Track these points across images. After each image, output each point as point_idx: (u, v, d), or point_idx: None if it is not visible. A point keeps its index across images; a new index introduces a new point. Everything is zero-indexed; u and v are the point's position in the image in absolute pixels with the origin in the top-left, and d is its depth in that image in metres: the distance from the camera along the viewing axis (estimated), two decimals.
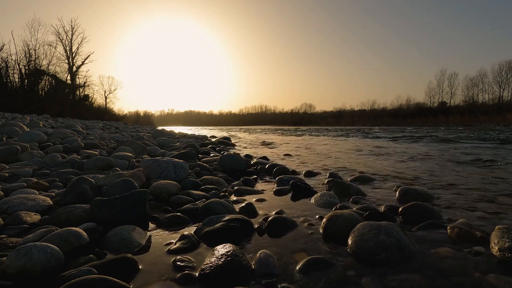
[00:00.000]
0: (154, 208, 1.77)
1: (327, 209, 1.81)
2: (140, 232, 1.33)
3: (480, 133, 12.46)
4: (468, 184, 2.56)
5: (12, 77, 20.39)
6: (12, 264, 0.94)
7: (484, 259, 1.12)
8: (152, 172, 2.47)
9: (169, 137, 7.11)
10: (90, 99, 31.42)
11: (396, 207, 1.75)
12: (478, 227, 1.46)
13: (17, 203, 1.60)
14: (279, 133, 17.36)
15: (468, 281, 0.97)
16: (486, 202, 1.96)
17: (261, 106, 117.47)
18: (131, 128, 14.25)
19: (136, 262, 1.06)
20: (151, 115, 74.54)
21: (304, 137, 12.22)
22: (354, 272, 1.03)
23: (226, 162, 3.27)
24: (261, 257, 1.11)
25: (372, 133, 15.88)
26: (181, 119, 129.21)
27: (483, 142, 8.13)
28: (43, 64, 23.72)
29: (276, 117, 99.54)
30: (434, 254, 1.17)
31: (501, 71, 45.80)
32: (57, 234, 1.15)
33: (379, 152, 5.62)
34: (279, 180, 2.61)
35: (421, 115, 45.60)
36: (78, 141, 4.52)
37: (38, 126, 6.95)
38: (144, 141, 5.37)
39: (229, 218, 1.43)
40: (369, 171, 3.30)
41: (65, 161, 3.00)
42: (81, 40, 31.80)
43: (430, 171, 3.30)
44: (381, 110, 65.59)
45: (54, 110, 17.96)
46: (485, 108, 42.77)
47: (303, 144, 8.32)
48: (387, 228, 1.23)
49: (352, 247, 1.20)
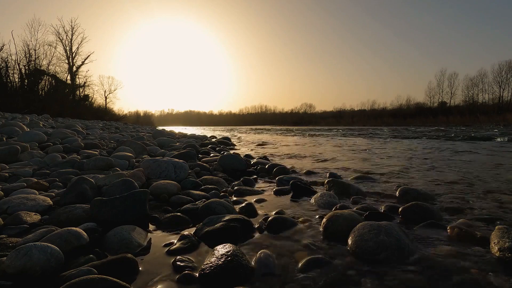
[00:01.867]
0: (154, 208, 1.77)
1: (327, 209, 1.81)
2: (140, 232, 1.33)
3: (481, 133, 12.47)
4: (468, 184, 2.56)
5: (12, 77, 20.40)
6: (12, 264, 0.94)
7: (484, 259, 1.12)
8: (152, 172, 2.47)
9: (169, 137, 7.11)
10: (90, 99, 31.42)
11: (396, 207, 1.75)
12: (478, 227, 1.46)
13: (17, 203, 1.60)
14: (279, 133, 17.36)
15: (468, 281, 0.97)
16: (486, 202, 1.96)
17: (261, 106, 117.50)
18: (131, 128, 14.25)
19: (136, 262, 1.06)
20: (151, 115, 74.52)
21: (304, 137, 12.22)
22: (354, 272, 1.03)
23: (226, 162, 3.27)
24: (261, 257, 1.11)
25: (372, 133, 15.89)
26: (181, 119, 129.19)
27: (483, 142, 8.13)
28: (43, 64, 23.73)
29: (276, 117, 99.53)
30: (434, 254, 1.17)
31: (501, 71, 45.79)
32: (57, 234, 1.15)
33: (379, 152, 5.62)
34: (279, 180, 2.61)
35: (421, 115, 45.59)
36: (78, 141, 4.53)
37: (38, 126, 6.95)
38: (144, 141, 5.37)
39: (229, 218, 1.43)
40: (369, 171, 3.30)
41: (65, 161, 3.00)
42: (81, 40, 31.80)
43: (430, 171, 3.30)
44: (381, 110, 65.58)
45: (54, 110, 17.96)
46: (485, 108, 42.74)
47: (303, 144, 8.33)
48: (387, 228, 1.23)
49: (352, 247, 1.20)
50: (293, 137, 12.31)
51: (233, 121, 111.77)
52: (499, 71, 45.93)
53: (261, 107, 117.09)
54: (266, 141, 9.48)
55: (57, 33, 30.20)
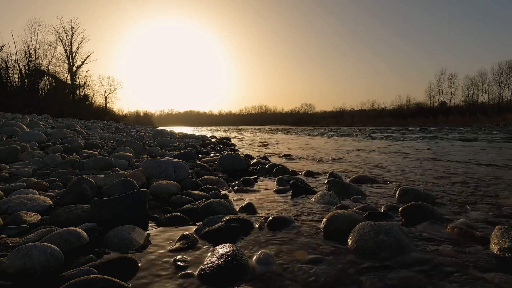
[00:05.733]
0: (154, 208, 1.77)
1: (327, 209, 1.81)
2: (140, 232, 1.33)
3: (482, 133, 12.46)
4: (468, 184, 2.56)
5: (12, 77, 20.36)
6: (12, 264, 0.94)
7: (484, 259, 1.12)
8: (152, 172, 2.47)
9: (169, 137, 7.11)
10: (90, 99, 31.38)
11: (396, 207, 1.75)
12: (478, 227, 1.46)
13: (17, 203, 1.60)
14: (279, 133, 17.36)
15: (468, 281, 0.97)
16: (486, 202, 1.96)
17: (261, 106, 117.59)
18: (131, 128, 14.23)
19: (136, 262, 1.06)
20: (151, 115, 74.53)
21: (304, 137, 12.22)
22: (354, 272, 1.03)
23: (226, 162, 3.27)
24: (261, 257, 1.11)
25: (373, 133, 15.88)
26: (181, 119, 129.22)
27: (484, 142, 8.13)
28: (43, 64, 23.69)
29: (276, 117, 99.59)
30: (434, 254, 1.17)
31: (501, 71, 45.76)
32: (57, 234, 1.15)
33: (379, 152, 5.62)
34: (279, 180, 2.61)
35: (421, 115, 45.57)
36: (78, 141, 4.52)
37: (38, 126, 6.95)
38: (144, 141, 5.37)
39: (229, 218, 1.43)
40: (369, 171, 3.30)
41: (65, 161, 3.00)
42: (81, 40, 31.76)
43: (430, 171, 3.30)
44: (381, 110, 65.54)
45: (54, 110, 17.94)
46: (485, 108, 42.70)
47: (303, 144, 8.32)
48: (387, 228, 1.23)
49: (352, 247, 1.20)
50: (293, 137, 12.31)
51: (233, 121, 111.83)
52: (499, 71, 45.94)
53: (261, 107, 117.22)
54: (266, 141, 9.48)
55: (57, 33, 30.20)
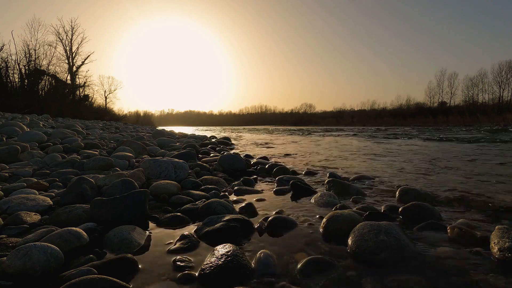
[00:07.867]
0: (154, 208, 1.77)
1: (327, 209, 1.81)
2: (140, 232, 1.33)
3: (481, 133, 12.47)
4: (468, 184, 2.56)
5: (12, 77, 20.35)
6: (12, 264, 0.94)
7: (484, 259, 1.12)
8: (152, 172, 2.47)
9: (169, 137, 7.11)
10: (90, 99, 31.37)
11: (396, 207, 1.75)
12: (478, 227, 1.46)
13: (17, 203, 1.60)
14: (279, 133, 17.36)
15: (468, 281, 0.97)
16: (486, 202, 1.96)
17: (261, 106, 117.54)
18: (131, 128, 14.24)
19: (136, 262, 1.06)
20: (151, 115, 74.51)
21: (304, 137, 12.22)
22: (354, 272, 1.03)
23: (226, 162, 3.27)
24: (261, 257, 1.11)
25: (373, 132, 15.88)
26: (181, 119, 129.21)
27: (484, 141, 8.13)
28: (43, 64, 23.68)
29: (276, 117, 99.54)
30: (434, 254, 1.17)
31: (501, 71, 45.69)
32: (57, 234, 1.15)
33: (379, 152, 5.62)
34: (279, 180, 2.61)
35: (421, 115, 45.54)
36: (78, 141, 4.52)
37: (38, 126, 6.94)
38: (144, 141, 5.37)
39: (229, 218, 1.43)
40: (369, 171, 3.30)
41: (65, 161, 3.00)
42: (81, 40, 31.75)
43: (430, 171, 3.30)
44: (381, 110, 65.46)
45: (54, 110, 17.93)
46: (485, 108, 42.65)
47: (303, 144, 8.32)
48: (387, 228, 1.23)
49: (352, 247, 1.20)
50: (293, 137, 12.30)
51: (233, 121, 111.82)
52: (499, 71, 45.87)
53: (261, 107, 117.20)
54: (266, 141, 9.48)
55: (57, 33, 30.18)
